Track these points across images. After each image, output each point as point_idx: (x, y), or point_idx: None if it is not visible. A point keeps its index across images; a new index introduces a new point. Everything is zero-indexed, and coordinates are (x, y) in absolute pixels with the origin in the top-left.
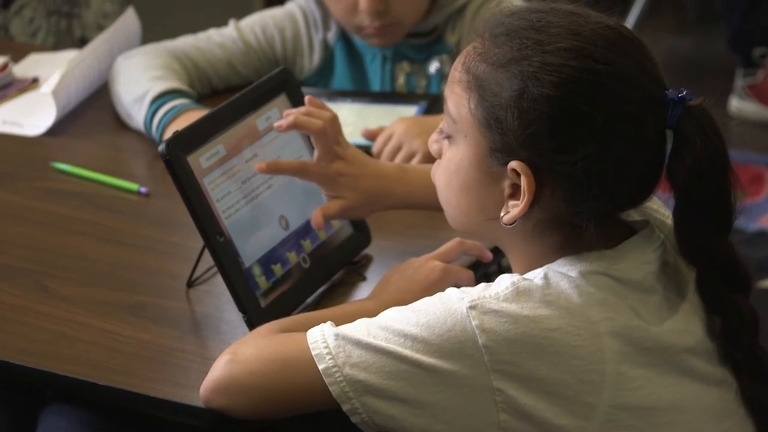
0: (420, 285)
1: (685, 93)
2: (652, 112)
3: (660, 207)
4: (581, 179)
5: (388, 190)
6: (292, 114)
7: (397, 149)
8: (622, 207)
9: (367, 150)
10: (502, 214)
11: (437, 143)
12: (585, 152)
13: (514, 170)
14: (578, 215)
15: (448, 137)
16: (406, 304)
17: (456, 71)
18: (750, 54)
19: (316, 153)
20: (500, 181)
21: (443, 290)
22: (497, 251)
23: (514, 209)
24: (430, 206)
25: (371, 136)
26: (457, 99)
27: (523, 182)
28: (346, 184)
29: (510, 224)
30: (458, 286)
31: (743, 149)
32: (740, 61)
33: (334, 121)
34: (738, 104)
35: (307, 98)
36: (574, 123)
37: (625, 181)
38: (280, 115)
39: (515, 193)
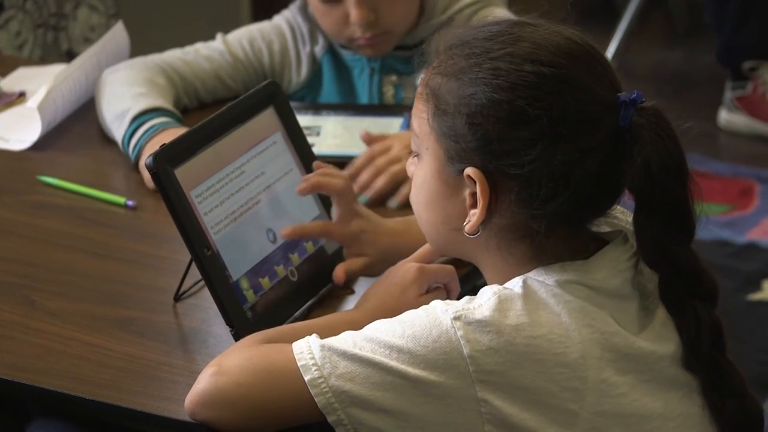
0: (397, 287)
1: (636, 95)
2: (604, 115)
3: (626, 215)
4: (531, 181)
5: (398, 245)
6: (310, 177)
7: (386, 150)
8: (581, 212)
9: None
10: (464, 224)
11: (412, 165)
12: (533, 154)
13: (469, 177)
14: (534, 219)
15: (417, 155)
16: (387, 308)
17: (419, 89)
18: (739, 66)
19: (336, 213)
20: (461, 191)
21: (420, 289)
22: None
23: (473, 217)
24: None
25: (371, 140)
26: (418, 113)
27: (478, 188)
28: (367, 241)
29: (473, 234)
30: (443, 291)
31: (732, 162)
32: (729, 73)
33: (350, 180)
34: (727, 116)
35: (315, 163)
36: (520, 125)
37: (578, 184)
38: (267, 127)
39: (475, 202)
